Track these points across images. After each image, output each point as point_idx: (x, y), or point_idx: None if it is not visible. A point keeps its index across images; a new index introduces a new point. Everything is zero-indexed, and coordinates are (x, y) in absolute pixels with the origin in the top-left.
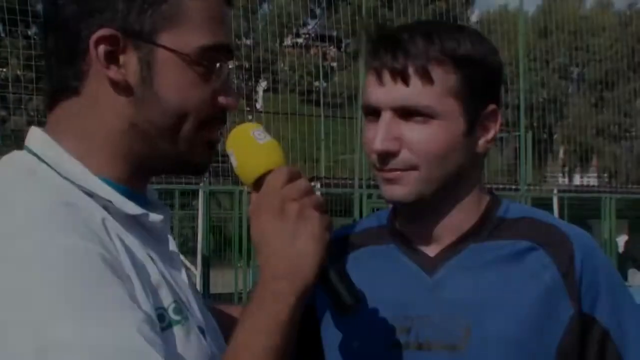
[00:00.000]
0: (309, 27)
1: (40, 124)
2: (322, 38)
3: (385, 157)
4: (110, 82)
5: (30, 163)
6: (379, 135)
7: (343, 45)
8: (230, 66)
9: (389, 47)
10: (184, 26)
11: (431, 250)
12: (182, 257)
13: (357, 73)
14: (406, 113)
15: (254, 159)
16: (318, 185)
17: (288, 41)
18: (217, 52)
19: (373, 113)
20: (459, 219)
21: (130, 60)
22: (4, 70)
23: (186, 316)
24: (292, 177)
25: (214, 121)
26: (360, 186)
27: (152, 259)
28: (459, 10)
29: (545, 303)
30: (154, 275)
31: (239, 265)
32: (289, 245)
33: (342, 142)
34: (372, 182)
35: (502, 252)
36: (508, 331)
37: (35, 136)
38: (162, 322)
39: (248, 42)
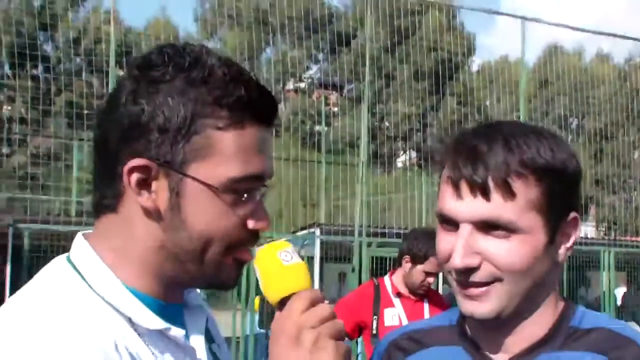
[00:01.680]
0: (312, 72)
1: (42, 164)
2: (325, 83)
3: (466, 272)
4: (141, 207)
5: (65, 275)
6: (457, 250)
7: (345, 91)
8: (262, 191)
9: (469, 159)
10: (214, 158)
11: (500, 357)
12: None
13: (359, 118)
14: (486, 227)
15: (277, 282)
16: (318, 232)
17: (290, 85)
18: (248, 181)
19: (449, 223)
20: (533, 327)
21: (161, 188)
22: (9, 108)
23: None
24: (313, 303)
25: (243, 243)
26: (360, 234)
27: None
28: (461, 59)
29: None
30: None
31: (237, 308)
32: None
33: (343, 188)
34: (371, 230)
35: None
36: None
37: (77, 245)
38: None
39: None
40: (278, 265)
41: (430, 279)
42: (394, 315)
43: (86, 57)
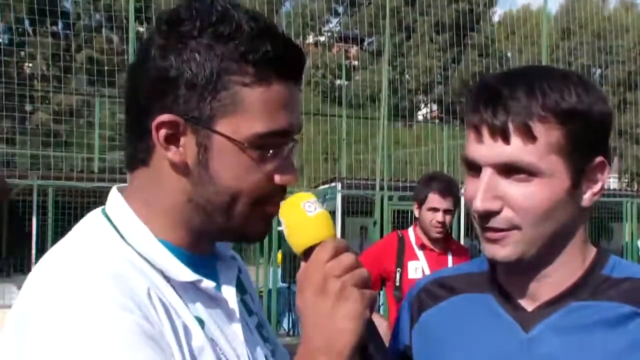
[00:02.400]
0: (331, 25)
1: (64, 121)
2: (345, 37)
3: (487, 216)
4: (170, 162)
5: (101, 228)
6: (479, 194)
7: (365, 44)
8: (290, 146)
9: (489, 103)
10: (240, 114)
11: (529, 305)
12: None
13: (379, 72)
14: (507, 170)
15: (302, 232)
16: (339, 186)
17: (310, 39)
18: (274, 137)
19: (474, 168)
20: (561, 275)
21: (188, 143)
22: (30, 65)
23: None
24: (337, 252)
25: (271, 197)
26: (382, 188)
27: (201, 321)
28: (482, 9)
29: None
30: (198, 340)
31: (260, 262)
32: (327, 323)
33: (364, 142)
34: (392, 184)
35: (604, 315)
36: None
37: (112, 199)
38: None
39: None
40: (302, 216)
41: (438, 216)
42: (417, 268)
43: (106, 13)
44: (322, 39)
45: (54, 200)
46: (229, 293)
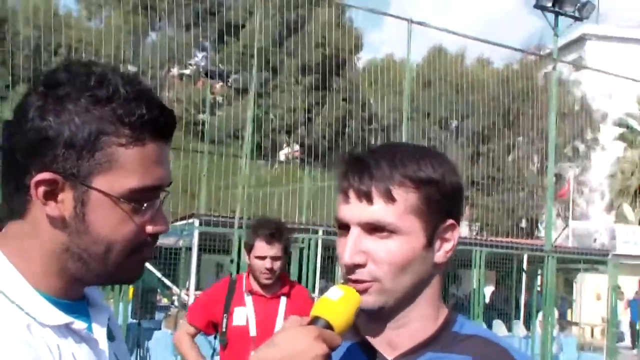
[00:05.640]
0: (197, 59)
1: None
2: (210, 72)
3: (353, 268)
4: (47, 215)
5: None
6: (347, 249)
7: (231, 79)
8: (161, 198)
9: (356, 171)
10: (116, 171)
11: (389, 354)
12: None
13: (245, 108)
14: (372, 229)
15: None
16: (197, 223)
17: (175, 71)
18: (147, 191)
19: (343, 227)
20: (417, 327)
21: (67, 198)
22: None
23: None
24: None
25: (144, 245)
26: (240, 226)
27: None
28: (347, 55)
29: None
30: None
31: (110, 297)
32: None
33: (225, 179)
34: (251, 222)
35: None
36: None
37: None
38: None
39: (133, 69)
40: (328, 299)
41: (267, 263)
42: (242, 315)
43: None
44: (187, 72)
45: None
46: (100, 334)
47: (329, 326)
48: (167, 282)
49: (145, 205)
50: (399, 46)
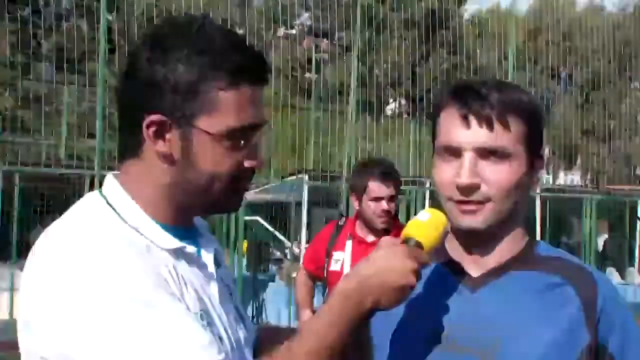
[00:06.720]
0: (302, 19)
1: (31, 107)
2: (315, 31)
3: (468, 190)
4: (157, 153)
5: (100, 208)
6: (465, 171)
7: (336, 38)
8: (257, 136)
9: (477, 97)
10: (215, 113)
11: (475, 272)
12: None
13: (349, 66)
14: (486, 153)
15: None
16: (306, 178)
17: (280, 32)
18: (244, 130)
19: (453, 153)
20: (506, 247)
21: (173, 137)
22: None
23: (207, 323)
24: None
25: (243, 178)
26: (348, 180)
27: (189, 279)
28: (452, 7)
29: (567, 330)
30: (190, 291)
31: (225, 251)
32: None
33: (332, 135)
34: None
35: (538, 282)
36: (534, 349)
37: (108, 183)
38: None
39: (241, 32)
40: (418, 220)
41: (383, 204)
42: (338, 260)
43: None
44: (292, 32)
45: (20, 187)
46: (208, 259)
47: (419, 245)
48: (280, 235)
49: (242, 142)
50: None
